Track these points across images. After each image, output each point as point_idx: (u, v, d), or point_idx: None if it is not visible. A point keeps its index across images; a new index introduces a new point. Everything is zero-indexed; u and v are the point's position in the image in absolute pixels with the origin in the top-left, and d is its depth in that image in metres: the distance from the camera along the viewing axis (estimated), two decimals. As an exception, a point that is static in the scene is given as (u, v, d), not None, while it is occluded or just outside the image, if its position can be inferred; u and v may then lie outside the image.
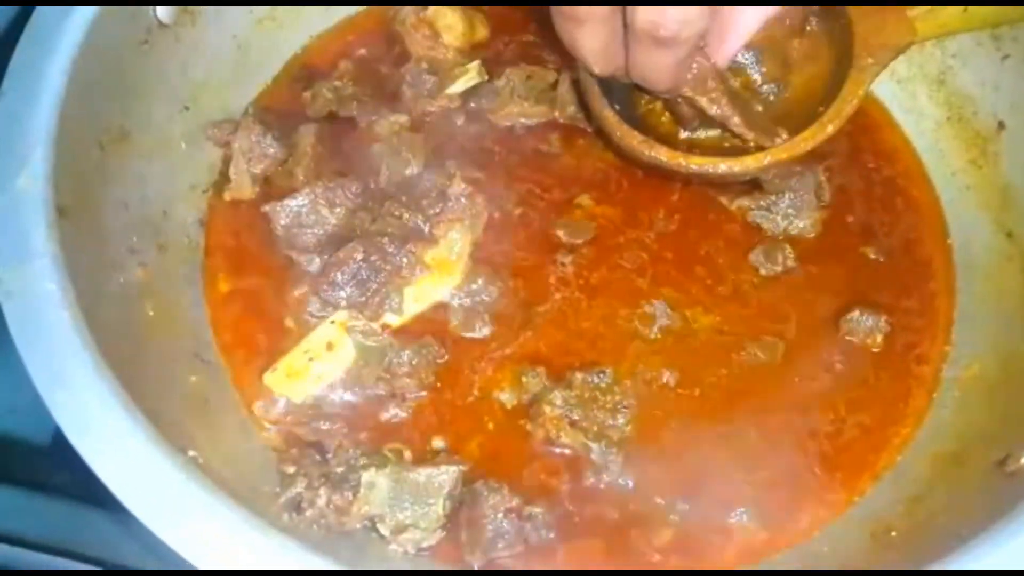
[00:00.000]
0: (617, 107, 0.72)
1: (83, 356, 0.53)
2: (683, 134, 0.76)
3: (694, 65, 0.67)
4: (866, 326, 0.73)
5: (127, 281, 0.66)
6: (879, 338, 0.73)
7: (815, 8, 0.72)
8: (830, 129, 0.69)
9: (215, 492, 0.51)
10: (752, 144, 0.71)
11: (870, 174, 0.81)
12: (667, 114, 0.76)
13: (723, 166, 0.70)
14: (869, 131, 0.83)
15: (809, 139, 0.70)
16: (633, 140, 0.71)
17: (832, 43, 0.72)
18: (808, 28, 0.72)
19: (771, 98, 0.74)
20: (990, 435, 0.66)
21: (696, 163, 0.70)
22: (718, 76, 0.69)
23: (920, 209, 0.80)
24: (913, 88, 0.84)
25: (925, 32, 0.70)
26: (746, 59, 0.74)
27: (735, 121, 0.70)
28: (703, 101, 0.69)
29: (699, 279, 0.75)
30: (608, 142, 0.76)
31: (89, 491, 0.57)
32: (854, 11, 0.69)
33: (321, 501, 0.62)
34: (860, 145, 0.82)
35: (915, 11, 0.69)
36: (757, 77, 0.74)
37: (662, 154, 0.70)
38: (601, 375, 0.70)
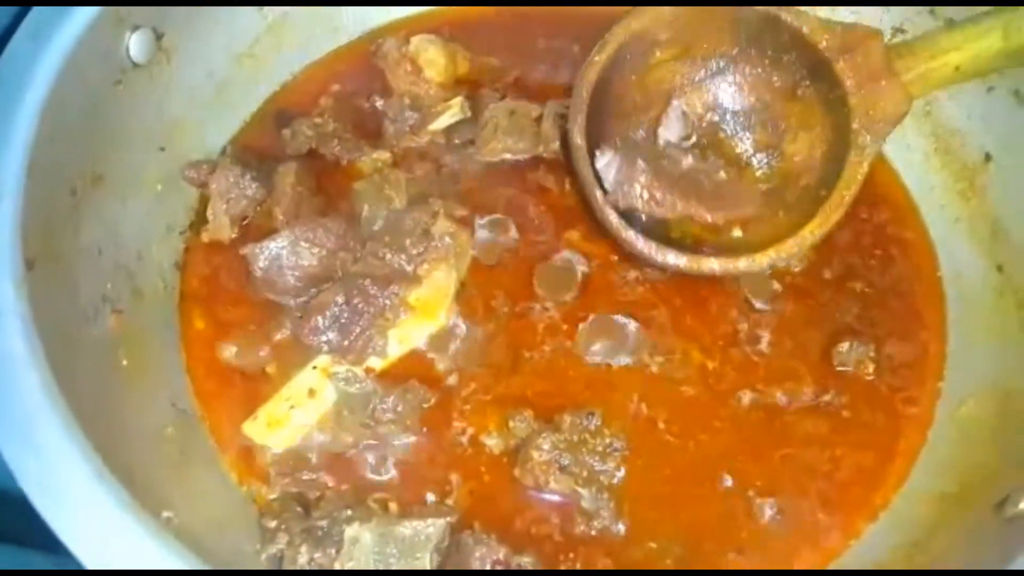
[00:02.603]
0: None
1: (52, 418, 0.51)
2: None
3: None
4: (858, 353, 0.72)
5: (100, 331, 0.64)
6: (871, 368, 0.72)
7: (805, 71, 0.71)
8: (835, 217, 0.69)
9: (190, 558, 0.49)
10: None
11: (858, 208, 0.80)
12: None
13: (725, 265, 0.70)
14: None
15: (816, 230, 0.69)
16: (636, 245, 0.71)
17: (827, 111, 0.71)
18: (799, 92, 0.71)
19: (764, 168, 0.73)
20: (988, 475, 0.65)
21: (707, 265, 0.70)
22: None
23: (909, 243, 0.79)
24: (899, 120, 0.83)
25: (918, 93, 0.70)
26: (734, 125, 0.73)
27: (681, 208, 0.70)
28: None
29: (688, 319, 0.74)
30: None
31: (62, 544, 0.55)
32: (850, 82, 0.68)
33: (303, 559, 0.60)
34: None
35: (908, 76, 0.69)
36: (748, 145, 0.74)
37: (670, 257, 0.70)
38: (590, 417, 0.68)
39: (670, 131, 0.75)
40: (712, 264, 0.70)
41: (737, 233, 0.73)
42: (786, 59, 0.72)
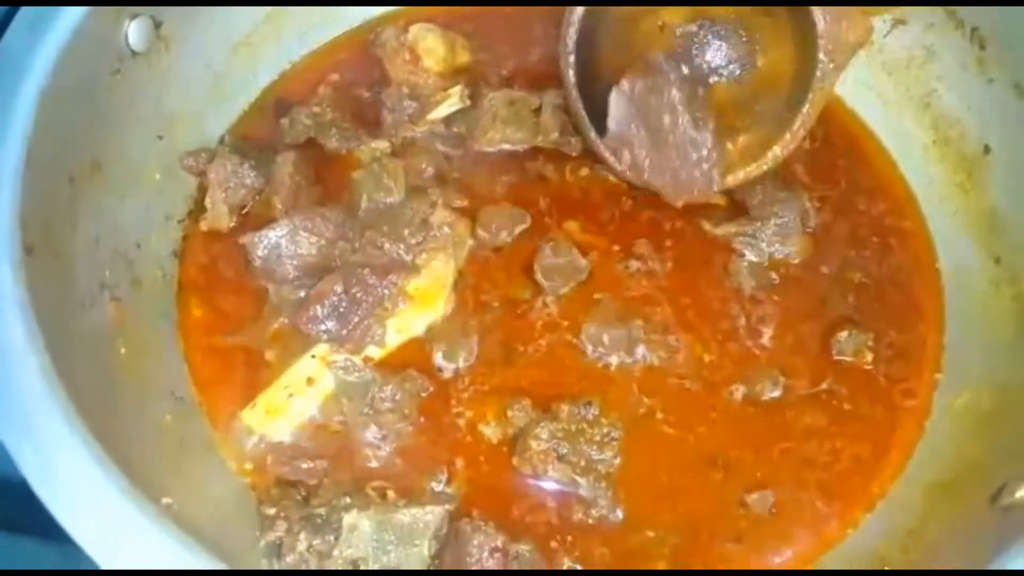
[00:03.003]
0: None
1: (51, 404, 0.51)
2: None
3: None
4: (857, 342, 0.72)
5: (99, 320, 0.63)
6: (870, 357, 0.72)
7: None
8: (801, 134, 0.72)
9: (190, 544, 0.49)
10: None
11: (856, 200, 0.80)
12: None
13: None
14: (855, 155, 0.83)
15: (779, 152, 0.72)
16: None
17: (796, 29, 0.72)
18: (773, 8, 0.74)
19: (737, 78, 0.76)
20: (983, 466, 0.65)
21: None
22: None
23: (907, 234, 0.79)
24: (899, 111, 0.83)
25: (878, 13, 0.72)
26: (714, 37, 0.76)
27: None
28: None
29: (687, 310, 0.74)
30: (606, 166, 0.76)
31: (61, 531, 0.55)
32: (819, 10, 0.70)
33: (302, 546, 0.60)
34: (846, 170, 0.82)
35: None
36: (724, 57, 0.76)
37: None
38: (588, 407, 0.68)
39: None
40: None
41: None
42: None
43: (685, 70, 0.76)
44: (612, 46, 0.77)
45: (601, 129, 0.74)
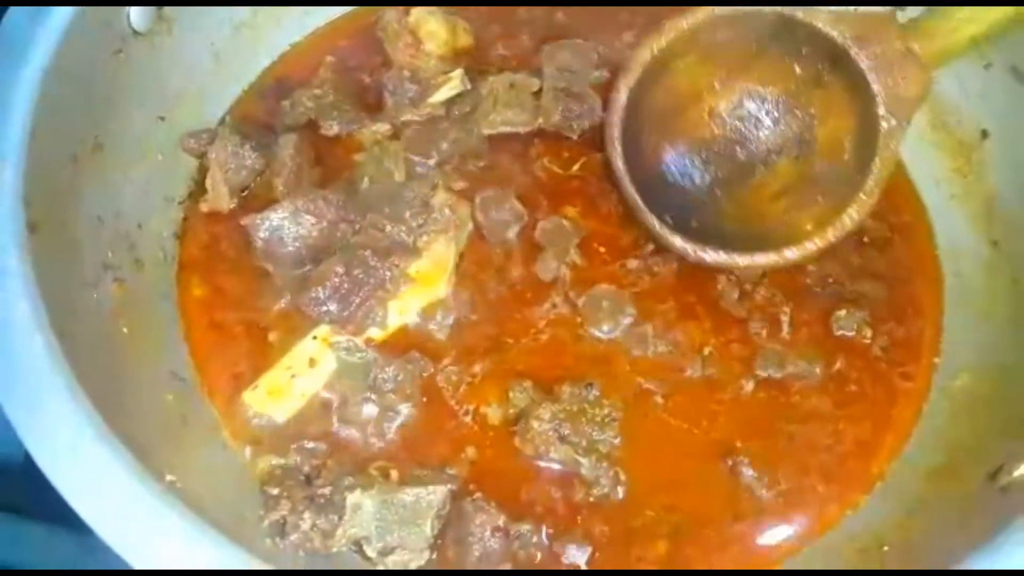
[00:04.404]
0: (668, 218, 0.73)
1: (56, 380, 0.51)
2: None
3: None
4: (856, 319, 0.73)
5: (101, 298, 0.64)
6: (869, 332, 0.73)
7: (826, 62, 0.71)
8: (872, 201, 0.70)
9: (194, 520, 0.50)
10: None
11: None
12: None
13: (771, 257, 0.70)
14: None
15: (855, 214, 0.70)
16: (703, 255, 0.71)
17: (852, 96, 0.71)
18: (824, 79, 0.72)
19: (797, 155, 0.75)
20: (981, 447, 0.66)
21: (760, 260, 0.70)
22: None
23: (905, 220, 0.79)
24: (897, 96, 0.83)
25: (937, 67, 0.70)
26: (764, 117, 0.75)
27: None
28: None
29: (686, 295, 0.74)
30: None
31: (63, 513, 0.55)
32: (870, 68, 0.69)
33: (306, 525, 0.61)
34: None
35: (925, 53, 0.69)
36: (779, 134, 0.75)
37: (731, 259, 0.70)
38: (589, 388, 0.69)
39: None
40: (761, 258, 0.70)
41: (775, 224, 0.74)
42: (806, 51, 0.73)
43: (742, 155, 0.76)
44: (659, 131, 0.76)
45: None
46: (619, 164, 0.73)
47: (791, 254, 0.70)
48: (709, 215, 0.74)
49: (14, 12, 0.62)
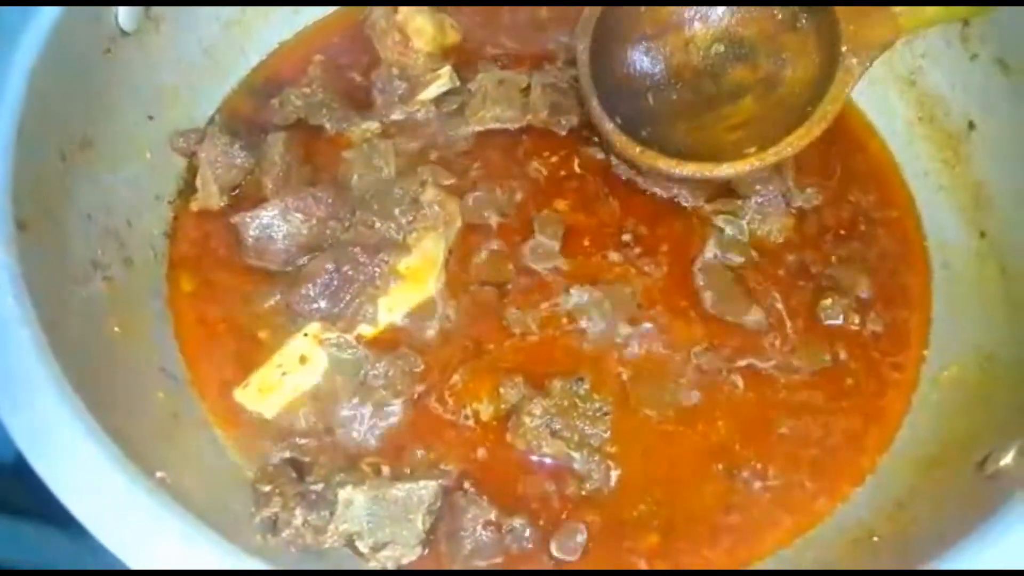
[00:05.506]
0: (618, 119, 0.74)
1: (45, 376, 0.51)
2: None
3: None
4: (842, 305, 0.73)
5: (90, 296, 0.64)
6: (856, 319, 0.73)
7: (805, 7, 0.73)
8: (817, 131, 0.71)
9: (185, 517, 0.50)
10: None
11: (842, 176, 0.81)
12: None
13: (706, 172, 0.72)
14: (839, 133, 0.83)
15: (799, 140, 0.71)
16: (633, 151, 0.73)
17: (821, 39, 0.73)
18: (799, 24, 0.74)
19: (764, 92, 0.76)
20: (970, 436, 0.66)
21: (688, 169, 0.72)
22: None
23: (893, 211, 0.80)
24: (884, 88, 0.84)
25: (908, 27, 0.71)
26: (741, 54, 0.76)
27: None
28: None
29: (672, 286, 0.74)
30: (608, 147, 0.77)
31: (53, 511, 0.55)
32: (841, 10, 0.71)
33: (297, 521, 0.61)
34: (832, 146, 0.82)
35: (900, 8, 0.70)
36: (752, 72, 0.77)
37: (659, 162, 0.72)
38: (579, 382, 0.69)
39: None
40: (693, 167, 0.73)
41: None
42: None
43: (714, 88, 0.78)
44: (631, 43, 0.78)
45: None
46: (583, 58, 0.75)
47: (729, 169, 0.72)
48: (661, 130, 0.76)
49: (1, 12, 0.62)
